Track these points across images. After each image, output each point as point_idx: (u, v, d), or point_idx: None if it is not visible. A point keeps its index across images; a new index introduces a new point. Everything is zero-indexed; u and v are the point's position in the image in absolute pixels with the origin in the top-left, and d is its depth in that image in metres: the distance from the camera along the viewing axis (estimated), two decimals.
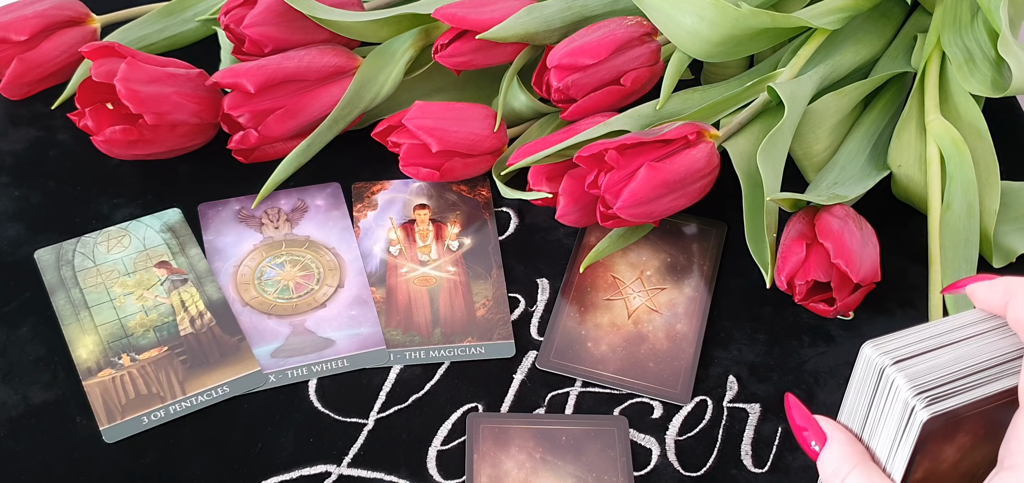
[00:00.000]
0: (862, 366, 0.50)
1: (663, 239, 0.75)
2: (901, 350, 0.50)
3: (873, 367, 0.50)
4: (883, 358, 0.49)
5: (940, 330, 0.51)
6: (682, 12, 0.73)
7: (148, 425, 0.65)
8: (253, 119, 0.75)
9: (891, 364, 0.49)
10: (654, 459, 0.65)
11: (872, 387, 0.50)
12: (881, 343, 0.50)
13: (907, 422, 0.48)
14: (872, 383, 0.50)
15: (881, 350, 0.50)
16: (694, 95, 0.77)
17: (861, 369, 0.50)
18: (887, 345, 0.50)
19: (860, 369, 0.50)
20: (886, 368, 0.49)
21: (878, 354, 0.50)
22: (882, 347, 0.50)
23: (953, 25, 0.77)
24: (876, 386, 0.50)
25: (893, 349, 0.50)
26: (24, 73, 0.81)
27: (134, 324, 0.70)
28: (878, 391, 0.50)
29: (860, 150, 0.77)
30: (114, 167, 0.78)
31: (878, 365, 0.49)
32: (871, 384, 0.50)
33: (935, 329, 0.51)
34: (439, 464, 0.64)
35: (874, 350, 0.50)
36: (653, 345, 0.70)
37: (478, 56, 0.76)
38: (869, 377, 0.50)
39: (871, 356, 0.50)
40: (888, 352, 0.50)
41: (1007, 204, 0.75)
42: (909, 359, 0.49)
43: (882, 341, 0.50)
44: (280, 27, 0.76)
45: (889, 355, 0.49)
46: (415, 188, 0.78)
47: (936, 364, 0.49)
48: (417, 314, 0.71)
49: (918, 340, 0.50)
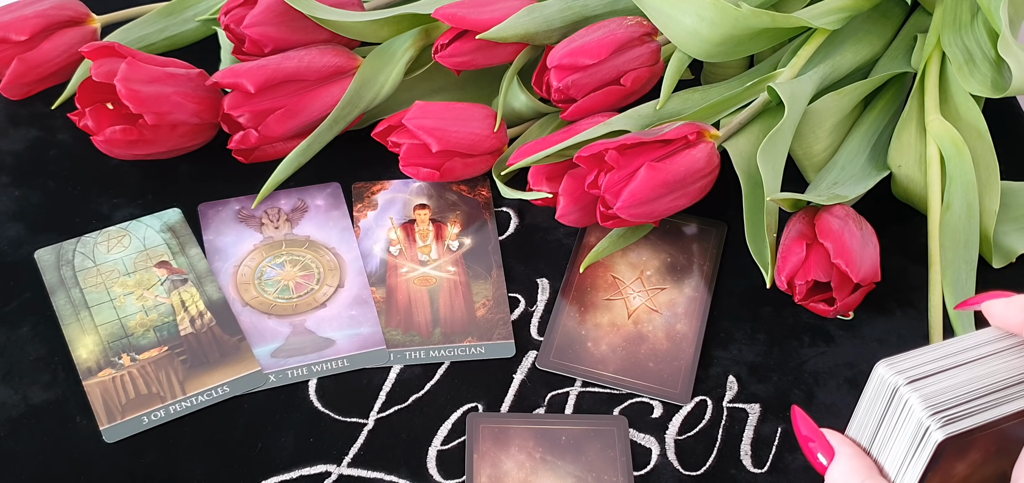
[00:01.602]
0: (875, 384, 0.50)
1: (663, 239, 0.75)
2: (915, 369, 0.49)
3: (886, 385, 0.49)
4: (897, 377, 0.49)
5: (955, 349, 0.50)
6: (682, 12, 0.73)
7: (148, 425, 0.65)
8: (253, 119, 0.75)
9: (905, 384, 0.48)
10: (654, 459, 0.65)
11: (884, 404, 0.49)
12: (895, 362, 0.49)
13: (921, 441, 0.48)
14: (884, 400, 0.49)
15: (895, 369, 0.49)
16: (694, 95, 0.77)
17: (874, 386, 0.50)
18: (901, 364, 0.49)
19: (873, 386, 0.50)
20: (900, 387, 0.48)
21: (892, 373, 0.49)
22: (896, 366, 0.49)
23: (953, 25, 0.77)
24: (888, 404, 0.49)
25: (907, 368, 0.49)
26: (24, 73, 0.81)
27: (134, 324, 0.70)
28: (890, 408, 0.49)
29: (860, 150, 0.77)
30: (114, 167, 0.78)
31: (892, 384, 0.49)
32: (883, 401, 0.49)
33: (950, 348, 0.50)
34: (439, 464, 0.64)
35: (888, 369, 0.49)
36: (653, 345, 0.70)
37: (478, 56, 0.76)
38: (882, 394, 0.49)
39: (885, 375, 0.49)
40: (902, 371, 0.49)
41: (1007, 204, 0.75)
42: (924, 379, 0.49)
43: (896, 360, 0.50)
44: (280, 27, 0.76)
45: (903, 374, 0.49)
46: (415, 188, 0.78)
47: (951, 384, 0.48)
48: (417, 314, 0.71)
49: (932, 359, 0.49)
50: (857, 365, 0.69)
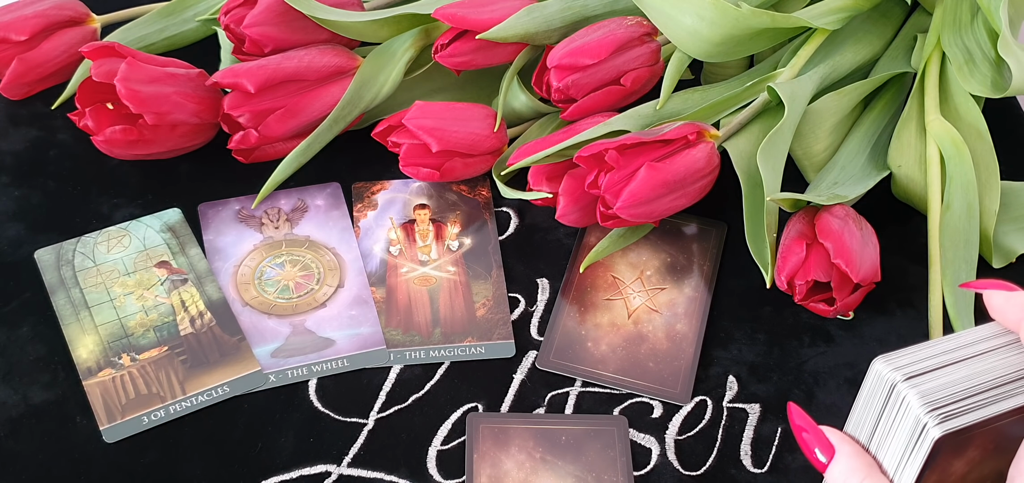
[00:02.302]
0: (872, 380, 0.49)
1: (663, 239, 0.75)
2: (913, 365, 0.49)
3: (884, 382, 0.49)
4: (894, 374, 0.48)
5: (952, 346, 0.50)
6: (682, 12, 0.73)
7: (148, 425, 0.65)
8: (253, 119, 0.75)
9: (903, 380, 0.48)
10: (654, 459, 0.65)
11: (882, 401, 0.49)
12: (892, 358, 0.49)
13: (918, 438, 0.48)
14: (882, 397, 0.49)
15: (893, 365, 0.49)
16: (694, 95, 0.77)
17: (871, 383, 0.49)
18: (899, 360, 0.49)
19: (870, 383, 0.50)
20: (897, 384, 0.48)
21: (890, 369, 0.49)
22: (893, 362, 0.49)
23: (953, 25, 0.77)
24: (886, 401, 0.49)
25: (905, 364, 0.49)
26: (24, 73, 0.81)
27: (134, 324, 0.70)
28: (887, 405, 0.49)
29: (860, 150, 0.77)
30: (114, 167, 0.78)
31: (889, 380, 0.49)
32: (881, 398, 0.49)
33: (947, 344, 0.50)
34: (439, 464, 0.64)
35: (885, 365, 0.49)
36: (653, 345, 0.70)
37: (478, 56, 0.76)
38: (879, 391, 0.49)
39: (882, 371, 0.49)
40: (900, 367, 0.49)
41: (1007, 204, 0.75)
42: (921, 375, 0.48)
43: (894, 356, 0.49)
44: (280, 27, 0.76)
45: (901, 370, 0.49)
46: (415, 188, 0.78)
47: (949, 380, 0.48)
48: (417, 314, 0.71)
49: (930, 355, 0.49)
50: (857, 365, 0.69)
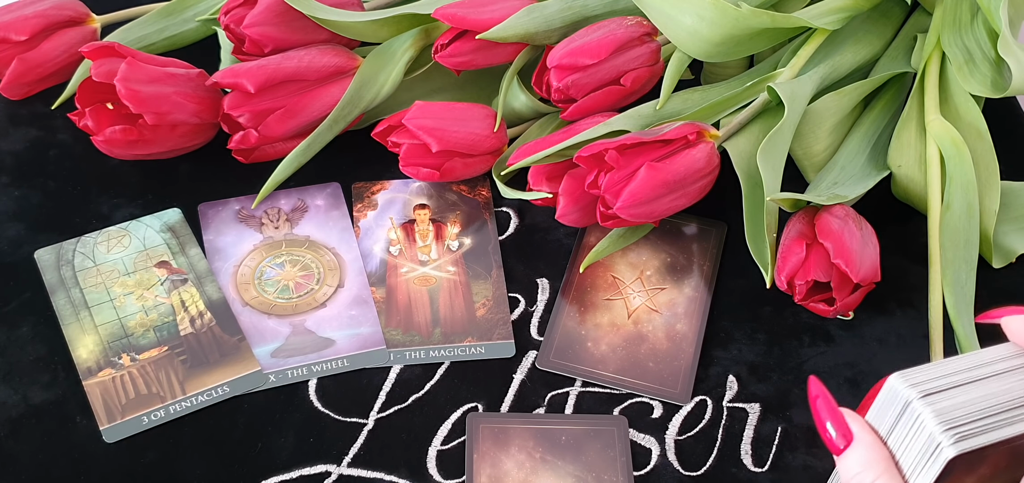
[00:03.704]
0: (887, 394, 0.49)
1: (663, 239, 0.75)
2: (929, 383, 0.49)
3: (899, 398, 0.48)
4: (910, 391, 0.48)
5: (969, 365, 0.50)
6: (682, 12, 0.73)
7: (148, 425, 0.65)
8: (253, 119, 0.75)
9: (919, 397, 0.48)
10: (654, 459, 0.65)
11: (895, 416, 0.49)
12: (909, 375, 0.49)
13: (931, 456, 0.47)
14: (896, 412, 0.49)
15: (909, 381, 0.48)
16: (694, 95, 0.77)
17: (885, 398, 0.49)
18: (915, 377, 0.49)
19: (884, 398, 0.49)
20: (913, 401, 0.48)
21: (906, 386, 0.48)
22: (910, 379, 0.49)
23: (953, 25, 0.77)
24: (899, 416, 0.49)
25: (921, 381, 0.49)
26: (24, 73, 0.81)
27: (134, 324, 0.70)
28: (900, 420, 0.49)
29: (860, 150, 0.77)
30: (114, 167, 0.78)
31: (905, 397, 0.48)
32: (894, 413, 0.49)
33: (964, 363, 0.50)
34: (439, 464, 0.64)
35: (901, 381, 0.49)
36: (653, 345, 0.70)
37: (478, 56, 0.76)
38: (893, 406, 0.49)
39: (898, 387, 0.49)
40: (916, 384, 0.48)
41: (1007, 204, 0.75)
42: (937, 393, 0.48)
43: (910, 373, 0.49)
44: (280, 27, 0.76)
45: (917, 387, 0.48)
46: (415, 188, 0.78)
47: (964, 400, 0.48)
48: (417, 314, 0.71)
49: (946, 373, 0.49)
50: (857, 365, 0.69)
